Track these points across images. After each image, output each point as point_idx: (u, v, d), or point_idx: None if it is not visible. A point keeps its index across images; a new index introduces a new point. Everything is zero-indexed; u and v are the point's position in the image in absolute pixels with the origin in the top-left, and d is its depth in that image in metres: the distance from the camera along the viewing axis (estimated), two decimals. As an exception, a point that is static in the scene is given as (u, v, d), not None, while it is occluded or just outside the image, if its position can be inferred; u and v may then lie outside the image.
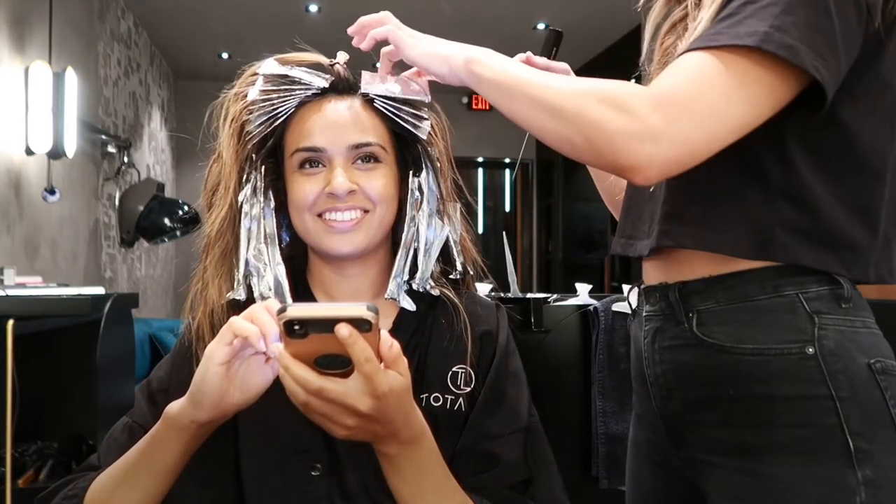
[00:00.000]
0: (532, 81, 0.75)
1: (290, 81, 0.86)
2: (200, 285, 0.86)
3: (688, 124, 0.69)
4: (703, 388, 0.80)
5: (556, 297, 1.75)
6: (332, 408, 0.65)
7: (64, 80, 3.22)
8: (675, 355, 0.83)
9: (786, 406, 0.74)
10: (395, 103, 0.87)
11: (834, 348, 0.74)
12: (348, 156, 0.85)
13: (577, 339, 1.71)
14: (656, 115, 0.68)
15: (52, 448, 2.68)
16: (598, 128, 0.70)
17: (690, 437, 0.83)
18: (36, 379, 2.54)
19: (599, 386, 1.66)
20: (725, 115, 0.69)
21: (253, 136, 0.86)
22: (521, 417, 0.88)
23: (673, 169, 0.71)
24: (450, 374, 0.85)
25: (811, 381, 0.73)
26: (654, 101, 0.69)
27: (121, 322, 2.50)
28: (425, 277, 0.89)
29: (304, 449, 0.82)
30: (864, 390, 0.73)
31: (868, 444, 0.72)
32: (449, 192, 0.91)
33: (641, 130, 0.68)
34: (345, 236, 0.84)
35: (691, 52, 0.72)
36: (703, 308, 0.80)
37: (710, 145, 0.70)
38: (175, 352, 0.88)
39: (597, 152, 0.71)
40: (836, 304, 0.76)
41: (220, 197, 0.87)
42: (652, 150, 0.68)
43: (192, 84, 6.18)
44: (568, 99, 0.72)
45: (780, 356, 0.75)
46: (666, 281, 0.85)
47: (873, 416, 0.73)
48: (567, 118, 0.71)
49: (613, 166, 0.71)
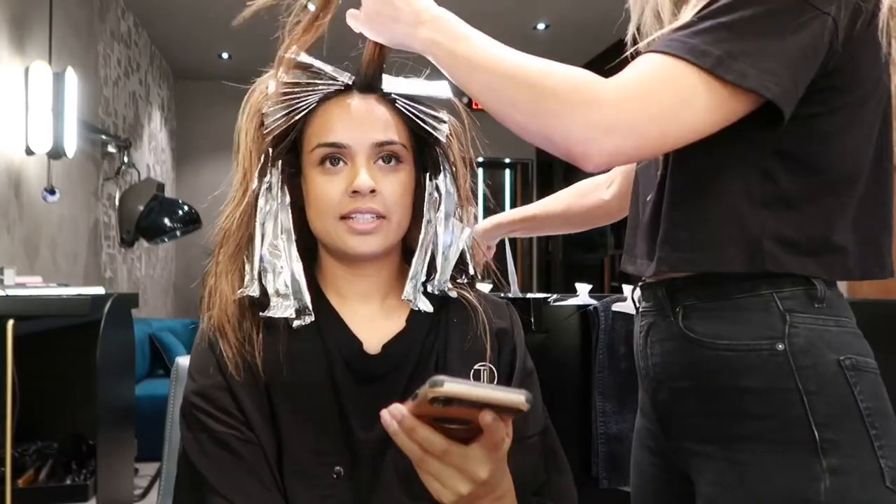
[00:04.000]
0: (493, 53, 0.78)
1: (313, 74, 0.86)
2: (213, 280, 0.85)
3: (642, 120, 0.72)
4: (688, 379, 0.85)
5: (556, 297, 1.75)
6: (449, 472, 0.66)
7: (64, 80, 3.22)
8: (663, 348, 0.88)
9: (757, 398, 0.79)
10: (416, 104, 0.87)
11: (803, 345, 0.78)
12: (371, 153, 0.84)
13: (577, 339, 1.71)
14: (613, 107, 0.72)
15: (52, 448, 2.69)
16: (554, 114, 0.74)
17: (677, 425, 0.88)
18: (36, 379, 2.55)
19: (599, 386, 1.66)
20: (679, 117, 0.73)
21: (272, 129, 0.85)
22: (541, 418, 0.89)
23: (620, 160, 0.76)
24: (472, 372, 0.86)
25: (780, 375, 0.78)
26: (613, 92, 0.73)
27: (121, 322, 2.50)
28: (443, 280, 0.88)
29: (324, 451, 0.81)
30: (831, 385, 0.77)
31: (834, 434, 0.76)
32: (466, 194, 0.91)
33: (598, 120, 0.72)
34: (364, 238, 0.83)
35: (652, 54, 0.75)
36: (689, 304, 0.85)
37: (660, 143, 0.75)
38: (196, 361, 0.85)
39: (548, 136, 0.75)
40: (809, 304, 0.80)
41: (238, 190, 0.85)
42: (605, 140, 0.72)
43: (192, 84, 6.18)
44: (529, 79, 0.75)
45: (752, 352, 0.80)
46: (658, 278, 0.89)
47: (841, 409, 0.77)
48: (525, 98, 0.75)
49: (565, 152, 0.75)
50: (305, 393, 0.82)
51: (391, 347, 0.85)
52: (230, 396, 0.81)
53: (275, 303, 0.83)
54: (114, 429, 2.47)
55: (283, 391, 0.82)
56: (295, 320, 0.83)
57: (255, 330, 0.83)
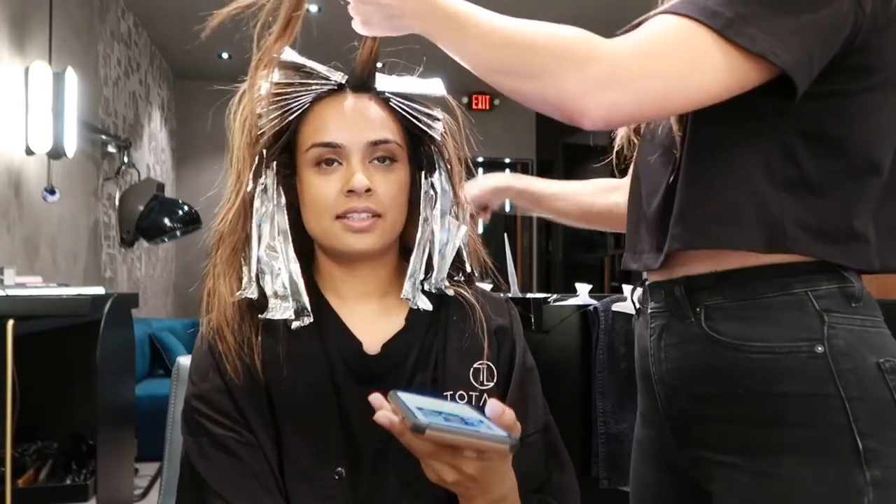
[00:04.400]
0: (483, 21, 0.76)
1: (306, 74, 0.85)
2: (211, 283, 0.85)
3: (643, 75, 0.70)
4: (711, 385, 0.79)
5: (556, 297, 1.75)
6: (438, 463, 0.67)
7: (64, 80, 3.22)
8: (681, 352, 0.82)
9: (794, 405, 0.74)
10: (410, 102, 0.87)
11: (844, 347, 0.74)
12: (366, 153, 0.84)
13: (577, 339, 1.71)
14: (610, 60, 0.70)
15: (52, 448, 2.69)
16: (548, 70, 0.71)
17: (697, 435, 0.82)
18: (36, 379, 2.54)
19: (600, 386, 1.66)
20: (686, 78, 0.70)
21: (266, 130, 0.85)
22: (541, 415, 0.89)
23: (619, 116, 0.73)
24: (471, 370, 0.86)
25: (820, 380, 0.73)
26: (611, 48, 0.71)
27: (121, 322, 2.50)
28: (440, 278, 0.88)
29: (325, 452, 0.81)
30: (873, 390, 0.73)
31: (877, 444, 0.72)
32: (461, 191, 0.91)
33: (594, 73, 0.70)
34: (360, 236, 0.83)
35: (665, 14, 0.72)
36: (712, 303, 0.79)
37: (664, 103, 0.72)
38: (196, 364, 0.86)
39: (544, 95, 0.72)
40: (846, 303, 0.75)
41: (232, 192, 0.85)
42: (601, 94, 0.69)
43: (192, 84, 6.17)
44: (522, 41, 0.73)
45: (789, 354, 0.74)
46: (671, 276, 0.84)
47: (883, 415, 0.73)
48: (519, 61, 0.73)
49: (560, 109, 0.72)
50: (306, 394, 0.82)
51: (390, 347, 0.85)
52: (230, 399, 0.82)
53: (273, 304, 0.83)
54: (114, 429, 2.47)
55: (284, 393, 0.82)
56: (294, 321, 0.83)
57: (254, 332, 0.83)
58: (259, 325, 0.84)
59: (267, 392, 0.82)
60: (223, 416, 0.81)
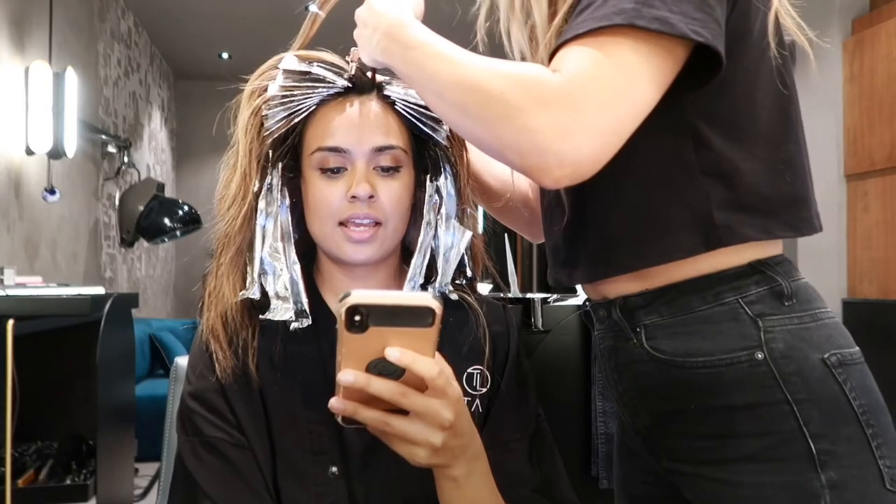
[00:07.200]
0: (444, 59, 0.70)
1: (311, 78, 0.85)
2: (215, 283, 0.85)
3: (594, 115, 0.63)
4: (666, 402, 0.78)
5: (556, 297, 1.75)
6: (415, 425, 0.65)
7: (64, 80, 3.22)
8: (632, 371, 0.81)
9: (745, 417, 0.72)
10: (415, 106, 0.87)
11: (784, 350, 0.72)
12: (370, 158, 0.84)
13: (577, 339, 1.71)
14: (563, 104, 0.63)
15: (52, 448, 2.69)
16: (503, 118, 0.65)
17: (664, 448, 0.81)
18: (36, 379, 2.55)
19: (599, 386, 1.66)
20: (627, 95, 0.65)
21: (272, 133, 0.85)
22: (531, 422, 0.89)
23: (584, 169, 0.65)
24: (465, 375, 0.86)
25: (766, 387, 0.72)
26: (560, 90, 0.64)
27: (121, 322, 2.50)
28: (445, 282, 0.88)
29: (320, 451, 0.82)
30: (821, 389, 0.71)
31: (831, 444, 0.71)
32: (467, 196, 0.91)
33: (551, 124, 0.63)
34: (360, 246, 0.83)
35: (565, 48, 0.67)
36: (650, 322, 0.77)
37: (620, 132, 0.65)
38: (192, 363, 0.87)
39: (501, 148, 0.67)
40: (778, 303, 0.74)
41: (238, 193, 0.85)
42: (561, 147, 0.63)
43: (192, 84, 6.18)
44: (476, 84, 0.67)
45: (731, 366, 0.73)
46: (607, 296, 0.82)
47: (834, 413, 0.71)
48: (474, 105, 0.67)
49: (521, 166, 0.66)
50: (300, 394, 0.83)
51: None
52: (223, 399, 0.82)
53: (275, 305, 0.84)
54: (114, 429, 2.47)
55: (278, 392, 0.83)
56: (293, 323, 0.84)
57: (251, 332, 0.84)
58: (257, 325, 0.84)
59: (261, 392, 0.83)
60: (216, 415, 0.82)
